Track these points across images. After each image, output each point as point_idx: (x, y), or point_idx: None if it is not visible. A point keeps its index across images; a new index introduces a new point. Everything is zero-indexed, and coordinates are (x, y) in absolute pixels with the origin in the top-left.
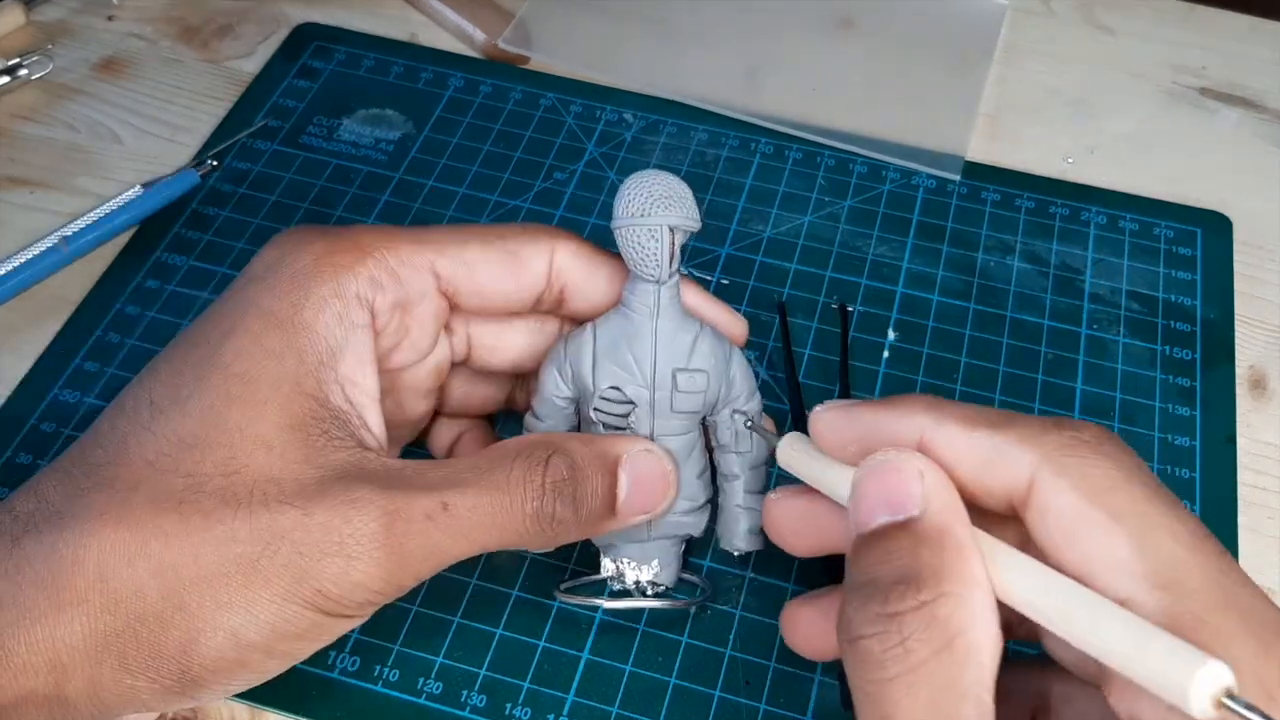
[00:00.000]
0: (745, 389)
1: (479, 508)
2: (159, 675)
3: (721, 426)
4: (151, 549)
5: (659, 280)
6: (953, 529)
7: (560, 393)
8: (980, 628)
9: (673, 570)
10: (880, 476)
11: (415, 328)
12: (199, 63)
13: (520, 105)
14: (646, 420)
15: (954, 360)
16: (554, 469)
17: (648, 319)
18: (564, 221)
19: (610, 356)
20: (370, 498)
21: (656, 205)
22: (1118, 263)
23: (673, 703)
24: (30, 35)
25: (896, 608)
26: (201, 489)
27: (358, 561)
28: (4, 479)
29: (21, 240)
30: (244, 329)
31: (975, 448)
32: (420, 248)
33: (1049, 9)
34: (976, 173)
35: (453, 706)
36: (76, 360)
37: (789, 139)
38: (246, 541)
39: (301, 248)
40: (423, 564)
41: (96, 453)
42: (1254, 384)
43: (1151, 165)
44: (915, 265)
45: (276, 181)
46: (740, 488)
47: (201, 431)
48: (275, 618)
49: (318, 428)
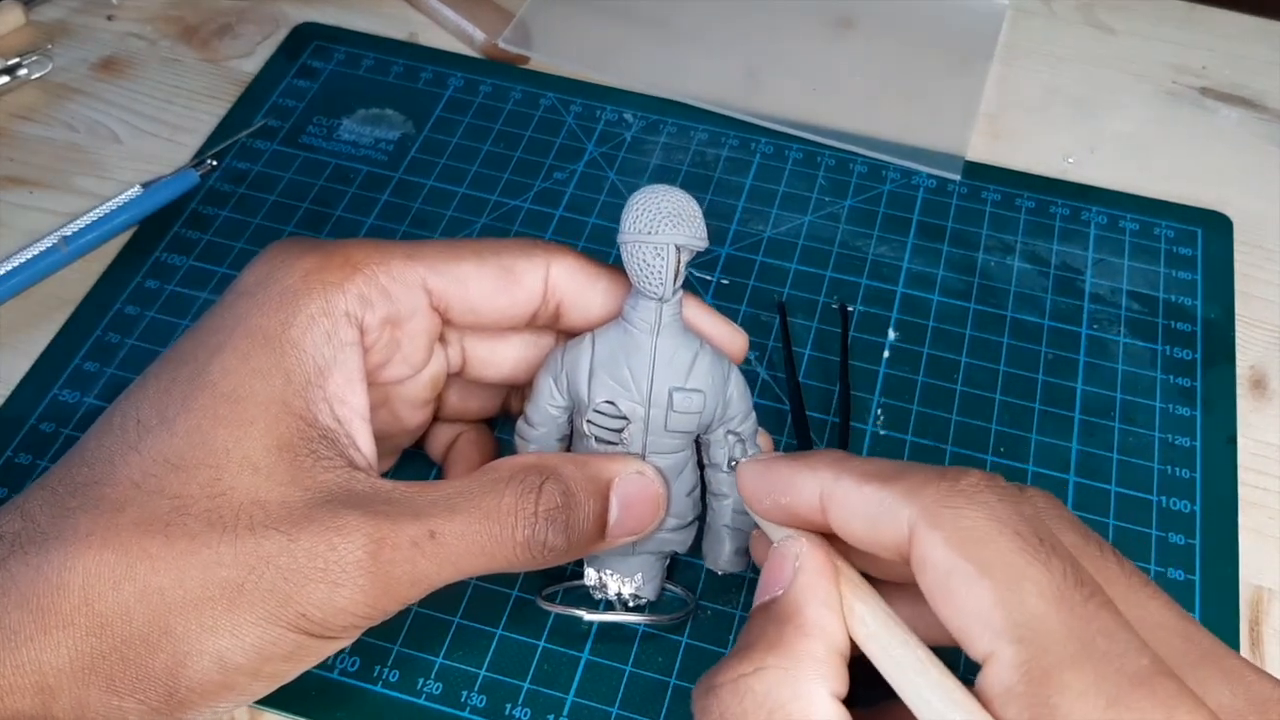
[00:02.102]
0: (741, 409)
1: (468, 535)
2: (146, 697)
3: (714, 446)
4: (138, 572)
5: (662, 298)
6: (804, 607)
7: (554, 402)
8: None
9: (655, 585)
10: (772, 559)
11: (407, 343)
12: (199, 62)
13: (520, 105)
14: (640, 437)
15: (954, 360)
16: (547, 496)
17: (648, 335)
18: (563, 221)
19: (607, 370)
20: (357, 524)
21: (664, 223)
22: (1118, 262)
23: (673, 703)
24: (30, 35)
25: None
26: (187, 511)
27: (342, 588)
28: (4, 479)
29: (21, 240)
30: (231, 347)
31: (866, 502)
32: (412, 263)
33: (1049, 9)
34: (977, 172)
35: (453, 707)
36: (76, 360)
37: (789, 139)
38: (232, 566)
39: (291, 263)
40: (408, 591)
41: (83, 471)
42: (1254, 384)
43: (1152, 165)
44: (915, 265)
45: (276, 181)
46: (729, 508)
47: (188, 452)
48: (260, 640)
49: (305, 448)
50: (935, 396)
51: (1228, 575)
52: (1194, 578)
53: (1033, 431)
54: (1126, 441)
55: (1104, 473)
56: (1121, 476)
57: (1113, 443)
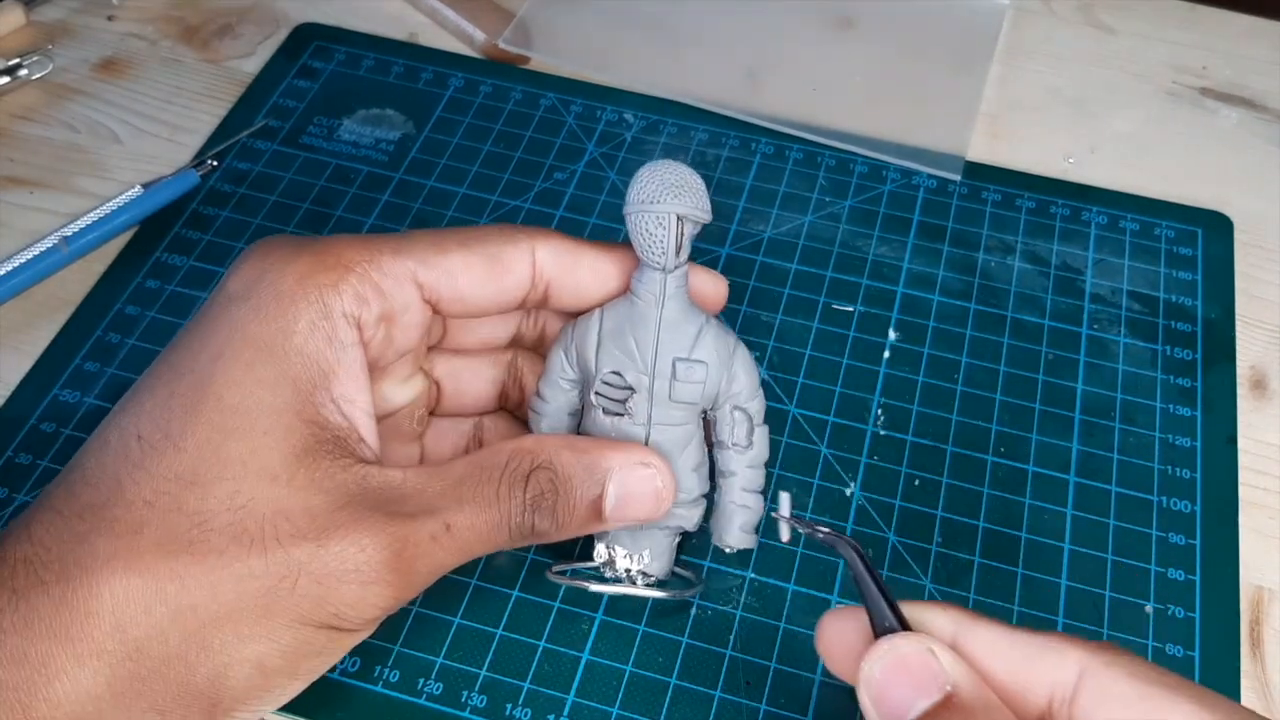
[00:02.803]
0: (747, 385)
1: (475, 525)
2: (190, 712)
3: (721, 422)
4: (167, 593)
5: (665, 269)
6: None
7: (565, 375)
8: None
9: (664, 562)
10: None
11: (400, 336)
12: (199, 63)
13: (520, 105)
14: (644, 407)
15: (954, 360)
16: (534, 484)
17: (653, 306)
18: (564, 221)
19: (613, 341)
20: (381, 525)
21: (666, 193)
22: (1118, 263)
23: (673, 703)
24: (30, 35)
25: None
26: (209, 526)
27: (373, 585)
28: (4, 479)
29: (21, 240)
30: (233, 357)
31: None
32: (401, 259)
33: (1050, 9)
34: (977, 173)
35: (453, 707)
36: (76, 360)
37: (789, 139)
38: (263, 576)
39: (282, 266)
40: (428, 579)
41: (88, 492)
42: (1255, 384)
43: (1152, 165)
44: (916, 265)
45: (276, 182)
46: (737, 484)
47: (200, 467)
48: (295, 641)
49: (321, 450)
50: (935, 397)
51: (1228, 576)
52: (1194, 578)
53: (1033, 432)
54: (1127, 442)
55: (1104, 473)
56: (1122, 477)
57: (1113, 443)
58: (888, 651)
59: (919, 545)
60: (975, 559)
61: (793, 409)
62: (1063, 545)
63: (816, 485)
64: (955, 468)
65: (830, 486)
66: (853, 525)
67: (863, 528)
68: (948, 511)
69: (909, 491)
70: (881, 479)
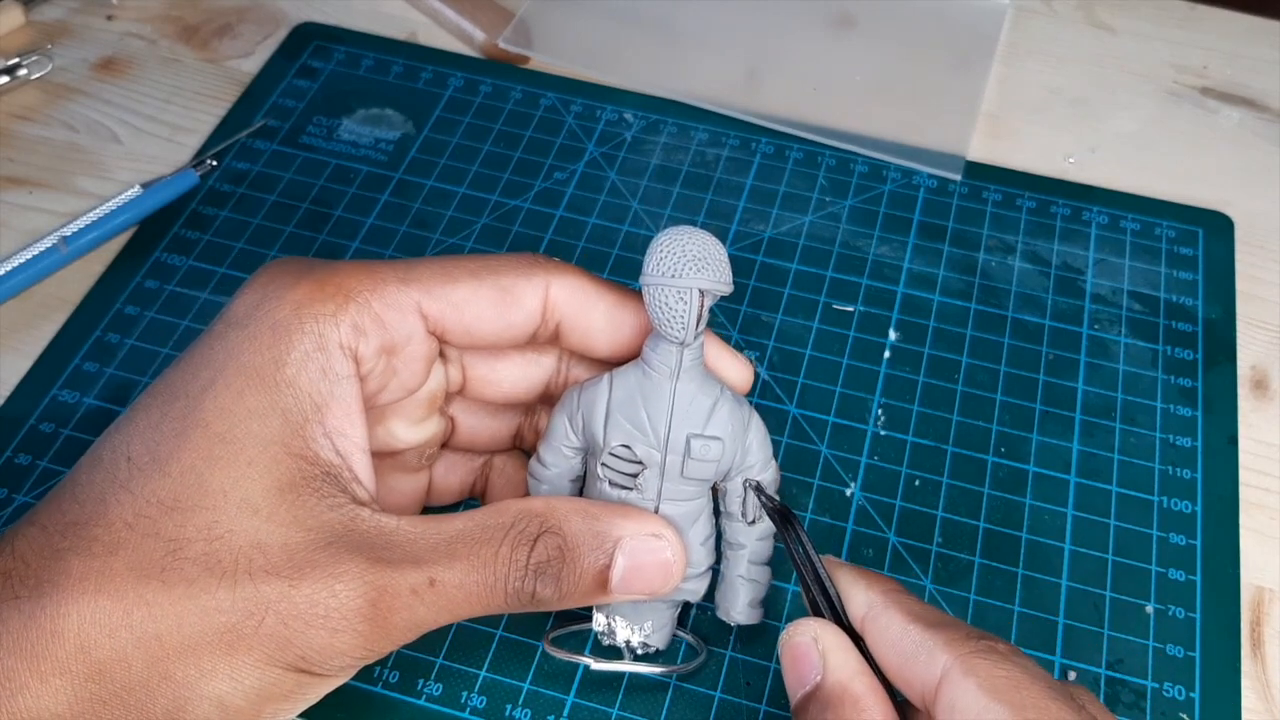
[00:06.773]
0: (760, 458)
1: (465, 584)
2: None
3: (731, 494)
4: (134, 618)
5: (683, 342)
6: (849, 685)
7: (569, 442)
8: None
9: (665, 634)
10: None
11: (403, 369)
12: (198, 62)
13: (520, 105)
14: (655, 483)
15: (955, 360)
16: (540, 550)
17: (667, 379)
18: (563, 221)
19: (624, 413)
20: (358, 572)
21: (688, 266)
22: (1119, 263)
23: (673, 703)
24: (30, 35)
25: None
26: (183, 554)
27: (342, 634)
28: (3, 479)
29: (21, 240)
30: (224, 384)
31: (907, 639)
32: (406, 288)
33: (1050, 8)
34: (978, 172)
35: (453, 708)
36: (76, 360)
37: (789, 139)
38: (230, 611)
39: (282, 294)
40: (405, 635)
41: (73, 509)
42: (1256, 384)
43: (1153, 165)
44: (916, 265)
45: (276, 181)
46: (745, 558)
47: (182, 494)
48: (260, 683)
49: (308, 487)
50: (936, 397)
51: (1229, 576)
52: (1195, 578)
53: (1034, 432)
54: (1127, 442)
55: (1105, 473)
56: (1122, 477)
57: (1114, 443)
58: (786, 639)
59: (919, 545)
60: (975, 559)
61: (793, 409)
62: (1063, 545)
63: (816, 485)
64: (955, 468)
65: (830, 487)
66: (853, 525)
67: (863, 528)
68: (948, 512)
69: (909, 492)
70: (882, 479)
